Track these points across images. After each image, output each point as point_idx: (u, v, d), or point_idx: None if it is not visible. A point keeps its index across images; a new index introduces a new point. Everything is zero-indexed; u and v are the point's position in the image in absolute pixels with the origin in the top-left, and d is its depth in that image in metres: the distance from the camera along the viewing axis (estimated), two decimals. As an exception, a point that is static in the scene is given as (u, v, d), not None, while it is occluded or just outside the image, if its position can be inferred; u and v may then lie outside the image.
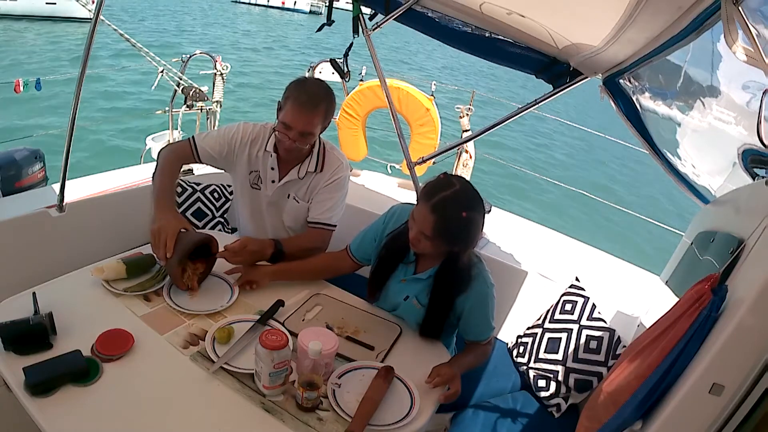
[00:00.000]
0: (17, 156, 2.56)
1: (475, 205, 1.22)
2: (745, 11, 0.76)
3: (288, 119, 1.47)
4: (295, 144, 1.50)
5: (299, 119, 1.46)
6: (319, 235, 1.65)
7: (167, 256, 1.28)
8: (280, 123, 1.49)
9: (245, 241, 1.45)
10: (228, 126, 1.67)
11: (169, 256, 1.27)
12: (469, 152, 3.34)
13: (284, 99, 1.49)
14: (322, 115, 1.51)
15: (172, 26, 18.10)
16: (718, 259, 1.00)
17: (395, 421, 1.07)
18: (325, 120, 1.54)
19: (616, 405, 0.94)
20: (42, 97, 5.44)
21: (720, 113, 1.25)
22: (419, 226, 1.23)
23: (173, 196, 1.58)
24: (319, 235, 1.65)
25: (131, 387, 1.04)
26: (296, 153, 1.57)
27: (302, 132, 1.48)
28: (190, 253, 1.32)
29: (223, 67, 3.16)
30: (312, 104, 1.47)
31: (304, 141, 1.51)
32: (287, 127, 1.48)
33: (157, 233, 1.29)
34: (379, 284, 1.45)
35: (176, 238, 1.29)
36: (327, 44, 15.63)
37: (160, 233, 1.29)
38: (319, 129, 1.53)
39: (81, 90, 1.72)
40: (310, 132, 1.49)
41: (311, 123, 1.48)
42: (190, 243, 1.31)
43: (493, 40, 1.78)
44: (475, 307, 1.34)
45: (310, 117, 1.47)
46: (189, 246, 1.31)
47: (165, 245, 1.27)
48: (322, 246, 1.66)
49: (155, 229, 1.30)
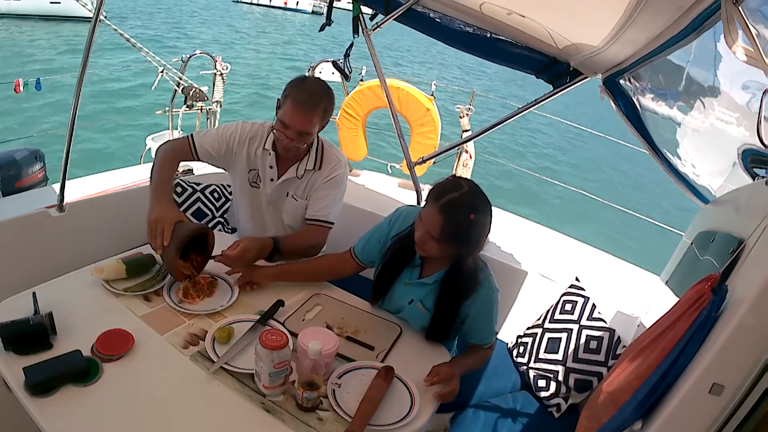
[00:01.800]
0: (17, 156, 2.57)
1: (483, 208, 1.22)
2: (745, 11, 0.76)
3: (286, 118, 1.47)
4: (292, 143, 1.50)
5: (297, 118, 1.46)
6: (317, 233, 1.65)
7: (164, 245, 1.28)
8: (279, 121, 1.49)
9: (244, 247, 1.43)
10: (227, 125, 1.67)
11: (165, 244, 1.28)
12: (469, 152, 3.34)
13: (283, 97, 1.49)
14: (321, 114, 1.50)
15: (169, 26, 18.07)
16: (718, 259, 1.00)
17: (395, 421, 1.07)
18: (323, 119, 1.53)
19: (616, 405, 0.94)
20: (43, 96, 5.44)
21: (720, 113, 1.25)
22: (426, 227, 1.23)
23: (170, 189, 1.57)
24: (316, 232, 1.64)
25: (131, 387, 1.04)
26: (294, 151, 1.56)
27: (300, 131, 1.48)
28: (186, 243, 1.31)
29: (223, 67, 3.16)
30: (311, 104, 1.47)
31: (302, 140, 1.51)
32: (285, 125, 1.47)
33: (154, 223, 1.30)
34: (384, 288, 1.44)
35: (173, 228, 1.29)
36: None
37: (157, 223, 1.29)
38: (317, 128, 1.53)
39: (81, 90, 1.72)
40: (307, 131, 1.49)
41: (309, 122, 1.48)
42: (188, 232, 1.31)
43: (493, 40, 1.78)
44: (480, 311, 1.34)
45: (309, 116, 1.47)
46: (186, 235, 1.30)
47: (162, 234, 1.28)
48: (319, 243, 1.66)
49: (152, 219, 1.30)
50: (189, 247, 1.34)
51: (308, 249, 1.62)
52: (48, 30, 13.53)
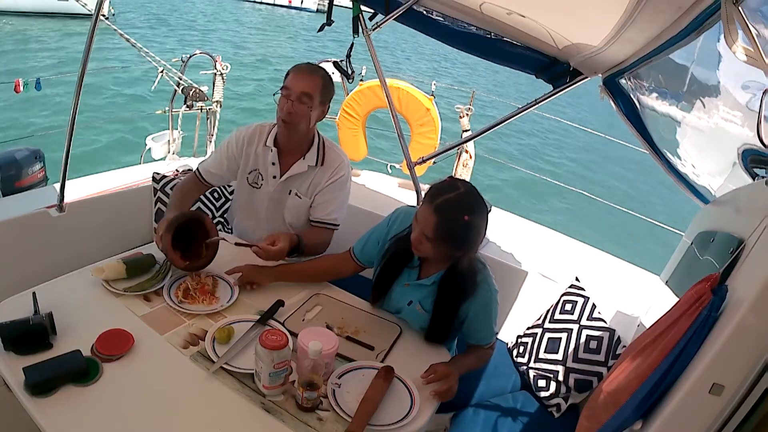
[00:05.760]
0: (17, 156, 2.56)
1: (478, 210, 1.22)
2: (745, 11, 0.76)
3: (288, 83, 1.52)
4: (293, 107, 1.50)
5: (299, 81, 1.51)
6: (323, 235, 1.67)
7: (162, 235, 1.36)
8: (282, 89, 1.53)
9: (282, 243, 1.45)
10: (223, 141, 1.72)
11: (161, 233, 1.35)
12: (469, 152, 3.35)
13: (285, 76, 1.55)
14: (321, 83, 1.53)
15: (171, 25, 18.05)
16: (718, 259, 1.00)
17: (395, 421, 1.07)
18: (323, 92, 1.54)
19: (616, 405, 0.94)
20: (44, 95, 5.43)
21: (720, 113, 1.25)
22: (422, 227, 1.24)
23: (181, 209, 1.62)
24: (324, 233, 1.67)
25: (131, 387, 1.04)
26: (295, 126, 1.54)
27: (301, 93, 1.49)
28: (179, 224, 1.38)
29: (223, 67, 3.15)
30: (309, 69, 1.54)
31: (303, 106, 1.51)
32: (287, 89, 1.51)
33: (159, 224, 1.41)
34: (383, 288, 1.45)
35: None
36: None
37: (160, 223, 1.40)
38: (317, 98, 1.53)
39: (81, 90, 1.72)
40: (308, 93, 1.50)
41: (309, 85, 1.51)
42: (182, 216, 1.40)
43: (493, 40, 1.77)
44: (479, 312, 1.34)
45: (309, 78, 1.51)
46: (180, 218, 1.38)
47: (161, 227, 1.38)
48: (326, 244, 1.68)
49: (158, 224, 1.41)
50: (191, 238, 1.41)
51: (317, 248, 1.64)
52: (53, 27, 13.49)
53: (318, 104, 1.54)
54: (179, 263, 1.38)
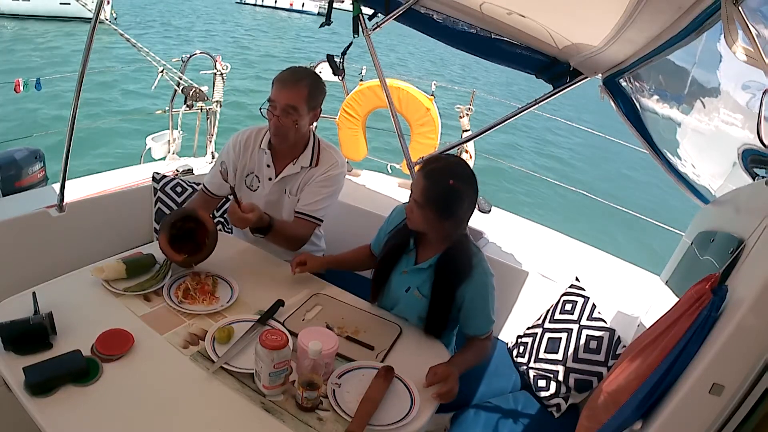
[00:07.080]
0: (17, 156, 2.56)
1: (463, 178, 1.28)
2: (745, 11, 0.76)
3: (272, 95, 1.51)
4: (280, 121, 1.50)
5: (281, 93, 1.50)
6: (304, 227, 1.64)
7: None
8: (268, 102, 1.52)
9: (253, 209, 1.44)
10: (220, 151, 1.74)
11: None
12: (469, 152, 3.34)
13: (272, 85, 1.53)
14: (305, 92, 1.51)
15: (171, 26, 18.06)
16: (718, 259, 1.00)
17: (395, 421, 1.07)
18: (310, 99, 1.53)
19: (616, 405, 0.94)
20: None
21: (720, 113, 1.25)
22: (414, 194, 1.30)
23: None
24: (304, 226, 1.64)
25: (131, 387, 1.04)
26: (286, 134, 1.54)
27: (285, 105, 1.49)
28: (174, 220, 1.41)
29: (223, 67, 3.15)
30: (292, 79, 1.51)
31: (289, 118, 1.51)
32: (272, 103, 1.51)
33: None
34: (382, 279, 1.47)
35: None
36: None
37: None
38: (304, 107, 1.52)
39: (81, 90, 1.72)
40: (292, 106, 1.49)
41: (293, 97, 1.50)
42: (175, 214, 1.43)
43: (493, 40, 1.77)
44: (476, 297, 1.36)
45: (292, 90, 1.50)
46: (173, 216, 1.42)
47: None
48: (304, 238, 1.65)
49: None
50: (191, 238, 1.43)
51: (293, 240, 1.62)
52: (57, 30, 13.48)
53: (306, 112, 1.54)
54: (176, 257, 1.38)
